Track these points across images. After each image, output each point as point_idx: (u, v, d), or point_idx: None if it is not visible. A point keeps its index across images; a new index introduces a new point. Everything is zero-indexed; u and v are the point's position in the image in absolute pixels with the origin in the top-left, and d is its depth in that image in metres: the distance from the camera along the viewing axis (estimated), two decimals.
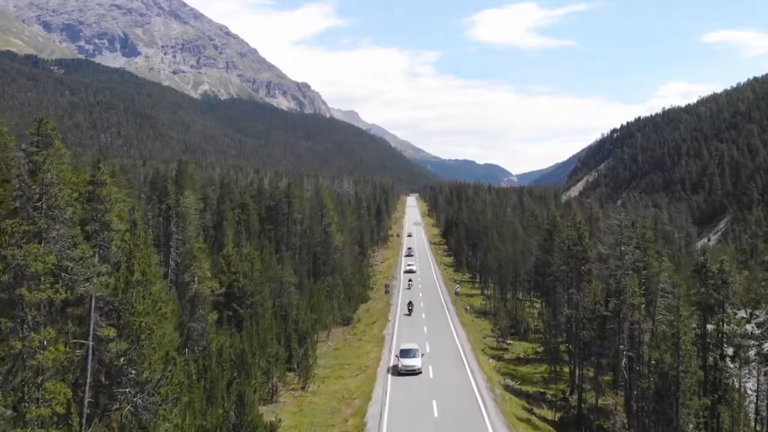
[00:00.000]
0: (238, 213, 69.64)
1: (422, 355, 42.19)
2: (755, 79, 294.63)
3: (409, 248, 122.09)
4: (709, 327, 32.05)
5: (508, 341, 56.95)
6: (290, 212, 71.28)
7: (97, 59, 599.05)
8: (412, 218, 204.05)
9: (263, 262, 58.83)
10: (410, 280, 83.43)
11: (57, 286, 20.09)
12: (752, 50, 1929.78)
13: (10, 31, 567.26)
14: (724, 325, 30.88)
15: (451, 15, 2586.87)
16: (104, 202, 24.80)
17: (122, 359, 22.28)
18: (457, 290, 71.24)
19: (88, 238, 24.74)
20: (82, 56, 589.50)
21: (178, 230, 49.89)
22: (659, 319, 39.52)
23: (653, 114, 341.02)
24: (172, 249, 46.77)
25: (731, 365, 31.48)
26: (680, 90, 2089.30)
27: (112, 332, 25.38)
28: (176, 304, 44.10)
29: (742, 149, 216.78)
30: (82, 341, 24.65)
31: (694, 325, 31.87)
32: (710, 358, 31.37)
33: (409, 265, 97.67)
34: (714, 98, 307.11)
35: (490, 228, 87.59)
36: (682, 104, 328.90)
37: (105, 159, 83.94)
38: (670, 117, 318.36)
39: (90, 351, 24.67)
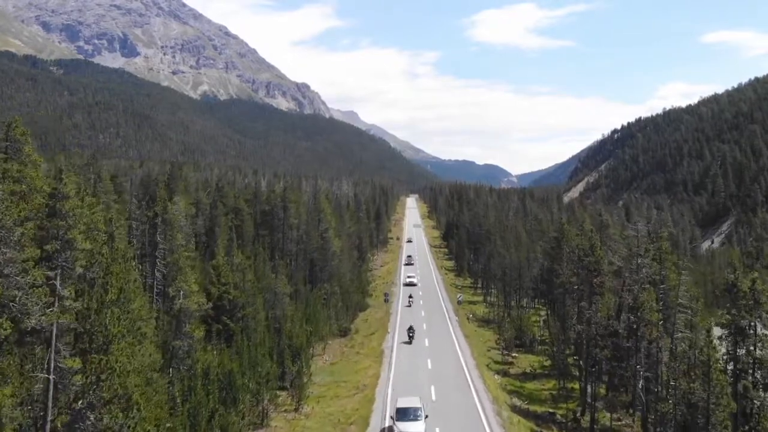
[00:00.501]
0: (231, 218, 66.80)
1: (426, 417, 31.49)
2: (756, 79, 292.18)
3: (409, 256, 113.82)
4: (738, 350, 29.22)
5: (514, 354, 54.08)
6: (286, 217, 68.39)
7: (96, 59, 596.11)
8: (412, 220, 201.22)
9: (257, 271, 56.00)
10: (410, 297, 72.51)
11: (1, 320, 17.22)
12: (752, 50, 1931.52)
13: (9, 32, 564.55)
14: (757, 350, 28.08)
15: (450, 15, 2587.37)
16: (67, 218, 21.87)
17: (80, 402, 19.39)
18: (460, 299, 68.31)
19: (48, 258, 21.88)
20: (81, 56, 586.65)
21: (165, 239, 47.09)
22: (678, 337, 36.69)
23: (654, 114, 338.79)
24: (157, 260, 43.93)
25: (764, 394, 28.64)
26: (680, 90, 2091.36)
27: (76, 363, 22.55)
28: (163, 319, 41.35)
29: (744, 150, 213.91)
30: (43, 375, 21.86)
31: (722, 348, 29.01)
32: (740, 385, 28.54)
33: (409, 277, 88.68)
34: (715, 98, 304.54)
35: (493, 233, 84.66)
36: (683, 104, 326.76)
37: (95, 161, 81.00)
38: (671, 117, 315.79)
39: (51, 386, 21.86)
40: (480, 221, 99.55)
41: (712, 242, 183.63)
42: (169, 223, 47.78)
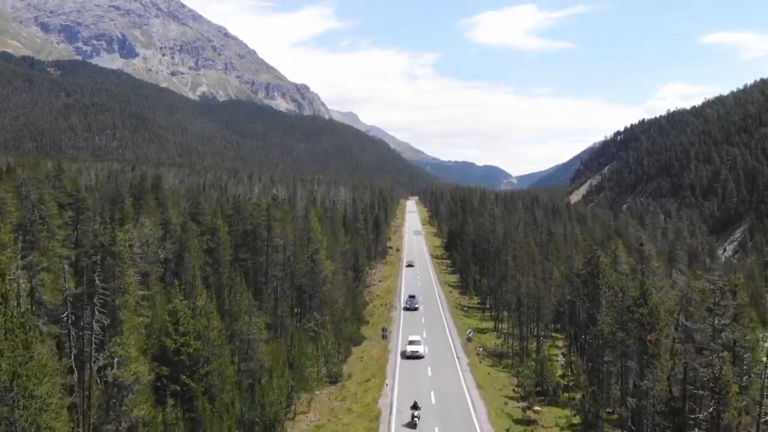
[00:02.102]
0: (207, 240, 57.52)
1: None
2: (762, 81, 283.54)
3: (412, 297, 76.54)
4: None
5: (536, 408, 44.84)
6: (270, 238, 59.17)
7: (95, 60, 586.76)
8: (413, 226, 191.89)
9: (231, 306, 46.89)
10: (416, 411, 38.46)
11: None
12: (751, 52, 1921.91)
13: (7, 32, 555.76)
14: None
15: (450, 17, 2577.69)
16: None
17: None
18: (470, 336, 59.00)
19: None
20: (79, 57, 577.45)
21: (113, 278, 38.01)
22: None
23: (658, 116, 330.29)
24: (96, 308, 34.70)
25: None
26: (680, 91, 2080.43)
27: None
28: (98, 389, 32.16)
29: (755, 154, 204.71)
30: None
31: None
32: None
33: (412, 343, 55.36)
34: (720, 100, 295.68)
35: (503, 251, 75.45)
36: (682, 106, 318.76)
37: (60, 172, 71.64)
38: (676, 119, 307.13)
39: None
40: (487, 235, 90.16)
41: (725, 250, 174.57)
42: (118, 257, 38.64)
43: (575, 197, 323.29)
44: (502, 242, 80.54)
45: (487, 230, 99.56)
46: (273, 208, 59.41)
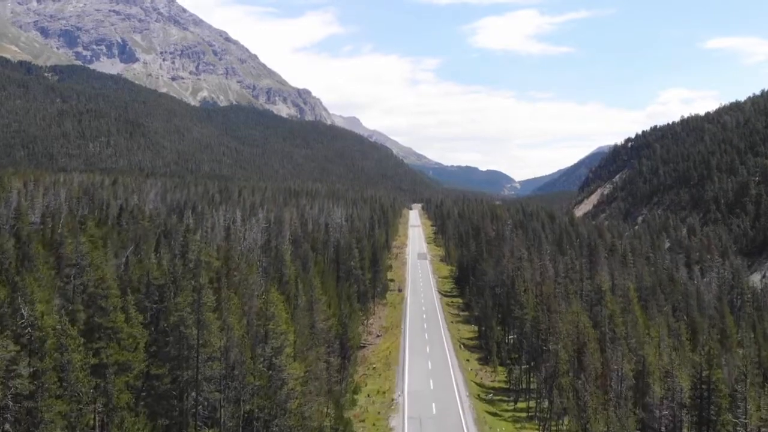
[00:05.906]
0: (99, 348, 35.39)
1: None
2: None
3: None
4: None
5: None
6: (201, 338, 37.17)
7: (95, 65, 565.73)
8: (416, 247, 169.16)
9: None
10: None
11: None
12: (752, 56, 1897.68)
13: (5, 37, 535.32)
14: None
15: (451, 22, 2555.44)
16: None
17: None
18: None
19: None
20: (79, 62, 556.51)
21: None
22: None
23: (671, 122, 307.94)
24: None
25: None
26: (681, 96, 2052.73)
27: None
28: None
29: None
30: None
31: None
32: None
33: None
34: (738, 106, 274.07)
35: (540, 319, 53.38)
36: (683, 111, 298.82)
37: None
38: (691, 126, 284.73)
39: None
40: (519, 299, 66.17)
41: (763, 276, 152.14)
42: None
43: (585, 207, 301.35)
44: (533, 304, 58.30)
45: (510, 275, 77.44)
46: (206, 295, 37.13)
